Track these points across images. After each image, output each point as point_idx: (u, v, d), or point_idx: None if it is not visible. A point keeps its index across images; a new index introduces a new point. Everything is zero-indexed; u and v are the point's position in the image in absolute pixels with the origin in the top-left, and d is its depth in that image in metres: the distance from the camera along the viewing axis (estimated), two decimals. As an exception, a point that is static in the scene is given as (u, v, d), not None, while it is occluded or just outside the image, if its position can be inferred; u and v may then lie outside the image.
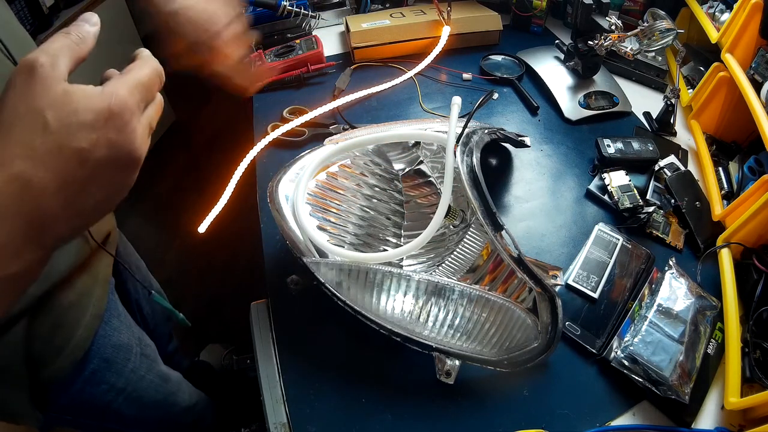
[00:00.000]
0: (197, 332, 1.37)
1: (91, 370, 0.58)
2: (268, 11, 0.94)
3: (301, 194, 0.55)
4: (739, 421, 0.50)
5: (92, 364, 0.58)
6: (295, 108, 0.84)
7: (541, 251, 0.65)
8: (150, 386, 0.70)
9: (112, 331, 0.62)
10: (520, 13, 1.05)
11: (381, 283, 0.50)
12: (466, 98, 0.86)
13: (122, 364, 0.63)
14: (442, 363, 0.49)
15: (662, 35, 0.73)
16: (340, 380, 0.53)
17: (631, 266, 0.62)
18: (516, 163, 0.78)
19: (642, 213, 0.66)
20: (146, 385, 0.69)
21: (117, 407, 0.64)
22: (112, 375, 0.62)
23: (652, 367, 0.50)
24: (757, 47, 0.66)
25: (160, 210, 1.77)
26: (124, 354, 0.64)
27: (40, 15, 1.29)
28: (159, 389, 0.73)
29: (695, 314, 0.55)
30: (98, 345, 0.59)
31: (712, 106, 0.77)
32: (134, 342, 0.67)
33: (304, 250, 0.53)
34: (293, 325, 0.58)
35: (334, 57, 0.98)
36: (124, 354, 0.64)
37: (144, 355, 0.69)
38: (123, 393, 0.64)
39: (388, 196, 0.65)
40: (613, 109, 0.85)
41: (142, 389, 0.68)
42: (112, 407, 0.64)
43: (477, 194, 0.51)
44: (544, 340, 0.50)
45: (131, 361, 0.65)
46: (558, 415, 0.50)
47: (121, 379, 0.63)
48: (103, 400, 0.62)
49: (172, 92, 2.08)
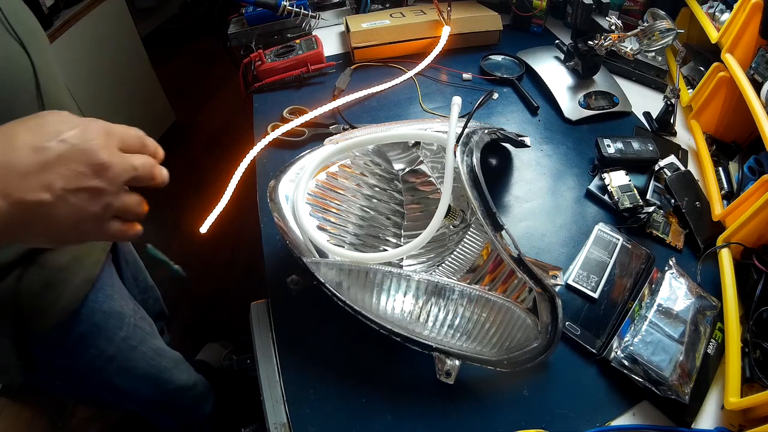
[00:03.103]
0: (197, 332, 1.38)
1: (79, 333, 0.60)
2: (268, 11, 0.94)
3: (301, 194, 0.55)
4: (739, 421, 0.49)
5: (80, 327, 0.59)
6: (295, 108, 0.84)
7: (541, 251, 0.65)
8: (142, 358, 0.71)
9: (104, 297, 0.63)
10: (520, 13, 1.05)
11: (381, 283, 0.50)
12: (466, 98, 0.86)
13: (113, 332, 0.64)
14: (442, 363, 0.49)
15: (662, 35, 0.73)
16: (340, 380, 0.53)
17: (631, 266, 0.62)
18: (516, 163, 0.78)
19: (642, 213, 0.66)
20: (138, 356, 0.70)
21: (108, 376, 0.65)
22: (101, 341, 0.63)
23: (652, 367, 0.50)
24: (757, 47, 0.66)
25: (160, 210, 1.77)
26: (115, 321, 0.65)
27: (40, 15, 1.29)
28: (152, 363, 0.74)
29: (695, 314, 0.55)
30: (88, 309, 0.60)
31: (712, 106, 0.77)
32: (128, 312, 0.68)
33: (304, 250, 0.53)
34: (293, 325, 0.58)
35: (334, 57, 0.98)
36: (115, 322, 0.65)
37: (138, 326, 0.70)
38: (113, 361, 0.65)
39: (388, 196, 0.65)
40: (613, 109, 0.85)
41: (134, 359, 0.69)
42: (103, 375, 0.65)
43: (477, 194, 0.51)
44: (544, 340, 0.50)
45: (122, 329, 0.66)
46: (558, 415, 0.50)
47: (111, 346, 0.64)
48: (93, 366, 0.63)
49: (173, 92, 2.10)
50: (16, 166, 0.30)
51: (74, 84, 1.45)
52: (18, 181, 0.30)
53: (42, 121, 0.32)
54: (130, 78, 1.76)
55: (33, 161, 0.30)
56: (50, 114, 0.33)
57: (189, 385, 0.86)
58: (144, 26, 2.26)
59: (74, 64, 1.44)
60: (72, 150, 0.31)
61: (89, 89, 1.53)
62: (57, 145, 0.31)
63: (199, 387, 0.90)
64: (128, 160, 0.34)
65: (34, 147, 0.31)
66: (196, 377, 0.90)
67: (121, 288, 0.69)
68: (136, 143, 0.36)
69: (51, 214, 0.31)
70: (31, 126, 0.32)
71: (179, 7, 2.63)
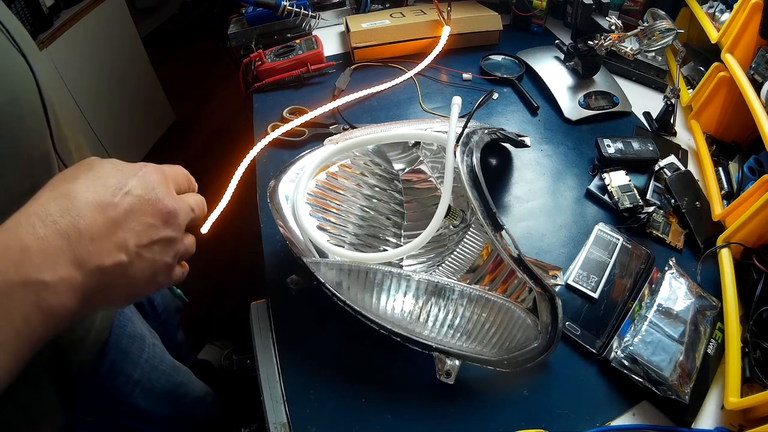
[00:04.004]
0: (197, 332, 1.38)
1: (111, 361, 0.58)
2: (268, 11, 0.94)
3: (301, 194, 0.55)
4: (739, 421, 0.49)
5: (111, 355, 0.58)
6: (295, 108, 0.84)
7: (541, 251, 0.65)
8: (162, 376, 0.70)
9: (125, 321, 0.62)
10: (520, 13, 1.05)
11: (381, 283, 0.50)
12: (466, 98, 0.86)
13: (137, 354, 0.64)
14: (442, 363, 0.49)
15: (662, 35, 0.73)
16: (340, 380, 0.53)
17: (631, 266, 0.62)
18: (516, 163, 0.78)
19: (642, 213, 0.66)
20: (159, 375, 0.69)
21: (133, 400, 0.64)
22: (129, 366, 0.62)
23: (652, 367, 0.50)
24: (757, 47, 0.66)
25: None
26: (138, 344, 0.64)
27: (40, 15, 1.29)
28: (170, 379, 0.73)
29: (695, 314, 0.55)
30: (115, 335, 0.59)
31: (712, 106, 0.77)
32: (146, 332, 0.67)
33: (304, 250, 0.53)
34: (293, 325, 0.58)
35: (334, 57, 0.98)
36: (139, 344, 0.64)
37: (155, 345, 0.69)
38: (139, 385, 0.64)
39: (388, 196, 0.65)
40: (613, 109, 0.85)
41: (155, 380, 0.68)
42: (129, 400, 0.64)
43: (477, 194, 0.51)
44: (544, 340, 0.50)
45: (145, 351, 0.65)
46: (558, 415, 0.50)
47: (137, 370, 0.63)
48: (122, 393, 0.62)
49: (172, 92, 2.10)
50: (87, 230, 0.27)
51: (74, 84, 1.45)
52: (91, 246, 0.28)
53: (97, 173, 0.30)
54: (130, 78, 1.76)
55: (103, 221, 0.28)
56: (101, 163, 0.31)
57: (202, 395, 0.86)
58: (144, 26, 2.26)
59: (74, 64, 1.44)
60: (139, 202, 0.30)
61: (89, 89, 1.53)
62: (123, 199, 0.29)
63: (209, 398, 0.91)
64: (187, 203, 0.33)
65: (100, 204, 0.28)
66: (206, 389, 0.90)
67: (133, 307, 0.68)
68: (185, 181, 0.35)
69: (128, 273, 0.30)
70: (89, 181, 0.29)
71: (179, 7, 2.63)
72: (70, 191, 0.28)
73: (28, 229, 0.26)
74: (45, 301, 0.26)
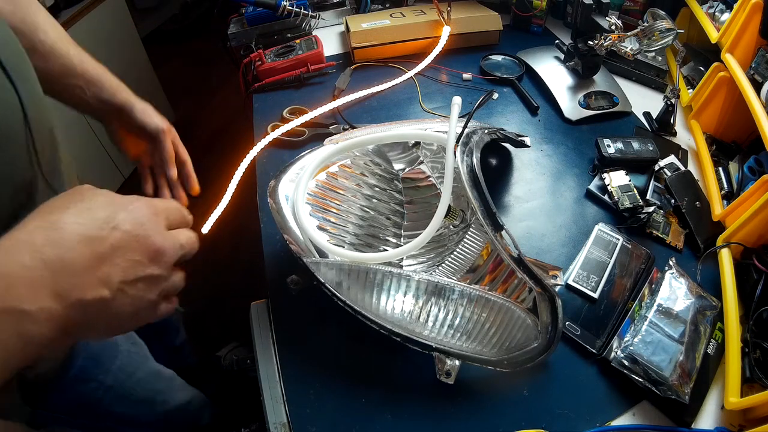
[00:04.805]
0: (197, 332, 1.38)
1: (80, 367, 0.58)
2: (268, 11, 0.94)
3: (301, 194, 0.54)
4: (739, 421, 0.49)
5: (79, 361, 0.58)
6: (295, 108, 0.84)
7: (541, 251, 0.65)
8: (138, 384, 0.70)
9: None
10: (520, 13, 1.05)
11: (381, 283, 0.50)
12: (466, 98, 0.86)
13: (109, 361, 0.64)
14: (442, 363, 0.49)
15: (662, 35, 0.73)
16: (340, 380, 0.53)
17: (631, 266, 0.62)
18: (516, 163, 0.78)
19: (642, 213, 0.66)
20: (135, 383, 0.69)
21: (107, 404, 0.64)
22: (100, 372, 0.62)
23: (652, 367, 0.50)
24: (757, 47, 0.66)
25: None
26: (110, 351, 0.64)
27: (40, 15, 1.29)
28: (149, 386, 0.73)
29: (695, 314, 0.55)
30: (84, 342, 0.59)
31: (712, 106, 0.77)
32: (121, 339, 0.67)
33: (304, 250, 0.53)
34: (293, 325, 0.58)
35: (334, 57, 0.98)
36: (110, 351, 0.64)
37: (132, 352, 0.69)
38: (111, 390, 0.64)
39: (388, 196, 0.65)
40: (613, 109, 0.85)
41: (131, 387, 0.68)
42: (102, 404, 0.64)
43: (477, 194, 0.51)
44: (544, 340, 0.50)
45: (118, 358, 0.65)
46: (558, 415, 0.50)
47: (108, 377, 0.64)
48: (94, 397, 0.62)
49: (173, 92, 2.10)
50: (71, 263, 0.27)
51: (74, 84, 1.44)
52: (74, 279, 0.28)
53: (88, 204, 0.30)
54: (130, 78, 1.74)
55: (89, 255, 0.28)
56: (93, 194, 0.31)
57: (185, 402, 0.85)
58: (144, 26, 2.26)
59: (74, 64, 1.44)
60: (127, 238, 0.30)
61: (89, 89, 1.52)
62: (111, 234, 0.29)
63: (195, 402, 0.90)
64: (177, 240, 0.33)
65: (87, 238, 0.28)
66: (192, 393, 0.90)
67: None
68: (178, 217, 0.35)
69: (110, 308, 0.30)
70: (78, 212, 0.29)
71: (179, 7, 2.63)
72: (59, 221, 0.28)
73: (15, 256, 0.26)
74: (25, 330, 0.26)
